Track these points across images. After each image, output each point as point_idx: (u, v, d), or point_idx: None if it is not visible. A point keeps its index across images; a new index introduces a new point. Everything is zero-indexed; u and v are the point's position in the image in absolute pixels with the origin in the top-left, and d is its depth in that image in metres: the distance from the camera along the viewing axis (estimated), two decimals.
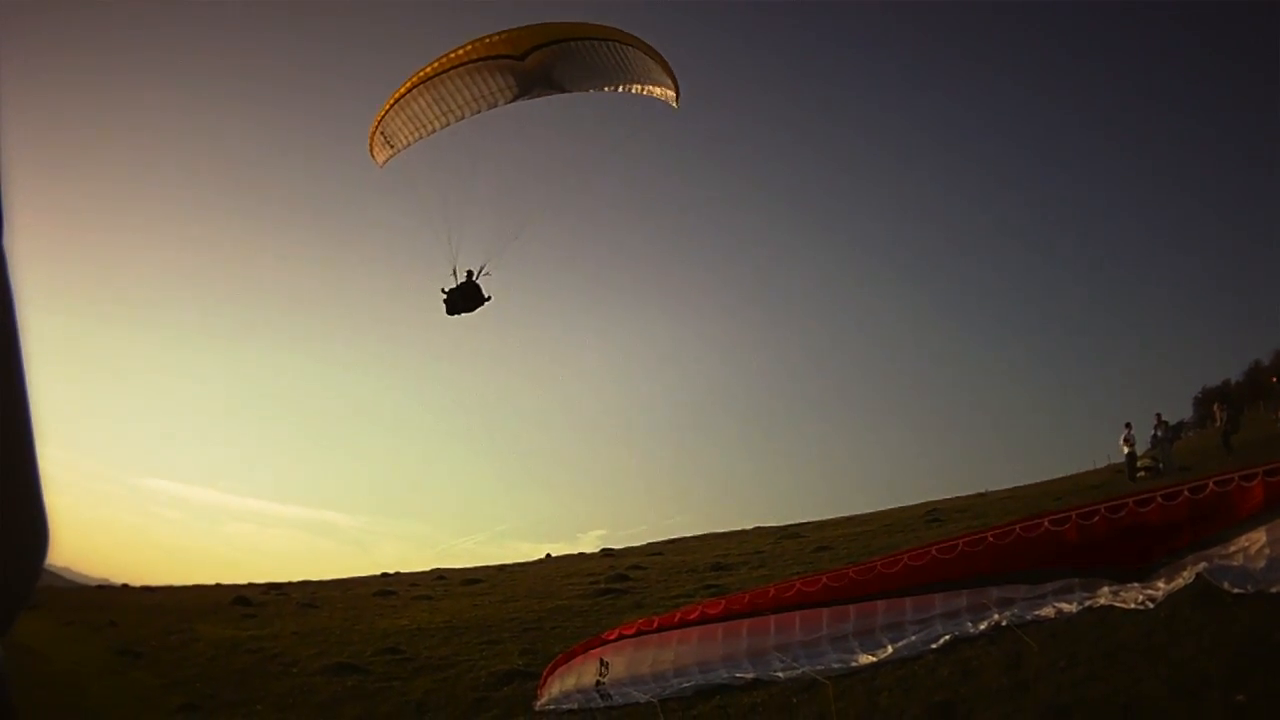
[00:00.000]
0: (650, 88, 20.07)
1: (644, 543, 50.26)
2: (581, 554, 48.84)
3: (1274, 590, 10.40)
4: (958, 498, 52.31)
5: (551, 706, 14.15)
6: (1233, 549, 12.38)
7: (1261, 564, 11.70)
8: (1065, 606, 12.37)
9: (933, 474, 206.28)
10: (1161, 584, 11.98)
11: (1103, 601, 12.16)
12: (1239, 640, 8.93)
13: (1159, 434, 37.05)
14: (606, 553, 46.37)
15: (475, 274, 21.03)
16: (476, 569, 43.65)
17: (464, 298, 20.93)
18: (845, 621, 13.32)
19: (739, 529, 49.97)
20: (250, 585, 39.08)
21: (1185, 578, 11.74)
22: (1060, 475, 62.41)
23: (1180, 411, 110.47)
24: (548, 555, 49.86)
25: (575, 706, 13.84)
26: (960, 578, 13.29)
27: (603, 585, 29.14)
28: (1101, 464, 62.51)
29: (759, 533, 46.36)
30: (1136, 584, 12.39)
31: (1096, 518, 13.12)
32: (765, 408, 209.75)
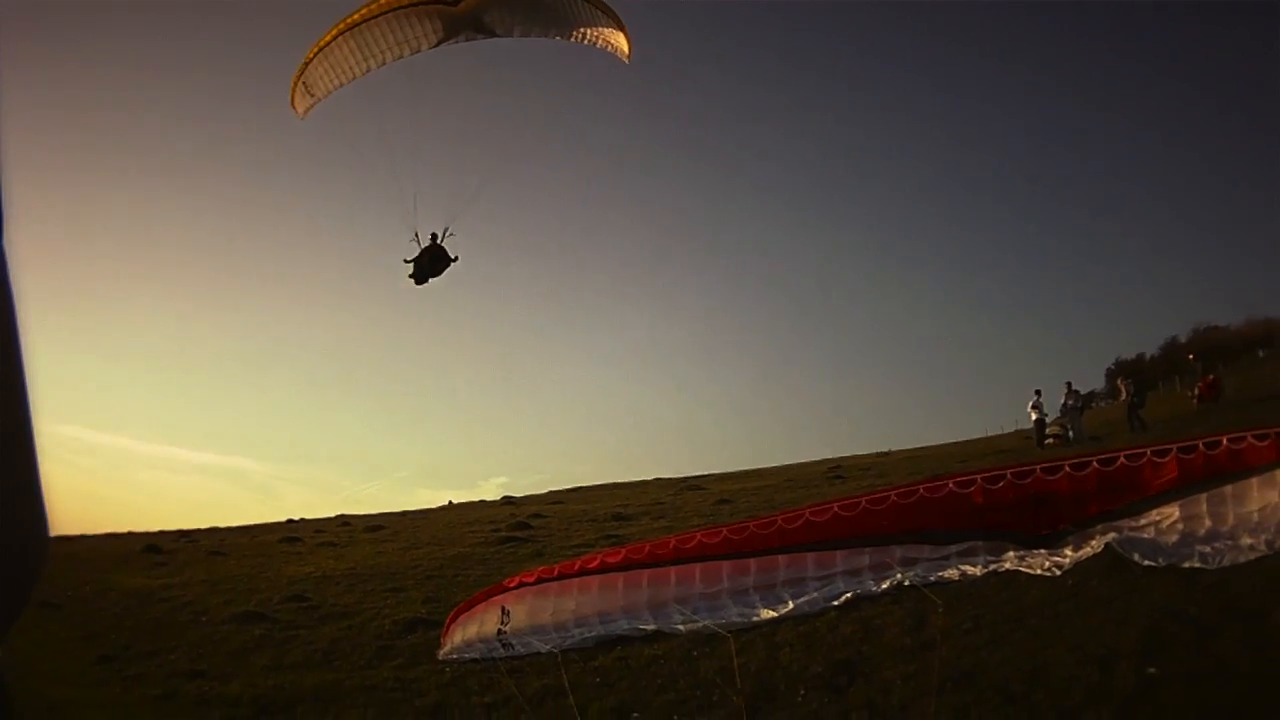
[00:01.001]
0: (595, 36, 19.00)
1: (545, 491, 50.22)
2: (483, 501, 48.15)
3: (1187, 565, 10.29)
4: (861, 456, 52.64)
5: (454, 655, 13.80)
6: (1143, 521, 12.30)
7: (1174, 538, 11.61)
8: (970, 569, 12.18)
9: (836, 432, 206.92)
10: (1069, 551, 11.84)
11: (1008, 566, 11.99)
12: (1151, 613, 8.80)
13: (1069, 403, 37.02)
14: (508, 500, 46.00)
15: (440, 236, 20.30)
16: (380, 515, 42.81)
17: (432, 260, 20.21)
18: (746, 575, 13.07)
19: (639, 480, 49.51)
20: (161, 533, 38.03)
21: (1094, 546, 11.58)
22: (966, 438, 63.48)
23: (1092, 382, 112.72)
24: (450, 502, 49.25)
25: (477, 655, 13.50)
26: (863, 535, 13.07)
27: (504, 533, 28.86)
28: (1009, 429, 63.74)
29: (659, 484, 46.09)
30: (1043, 550, 12.27)
31: (1003, 482, 12.98)
32: (666, 359, 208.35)
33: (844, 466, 42.24)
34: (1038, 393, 37.54)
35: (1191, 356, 41.25)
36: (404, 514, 43.23)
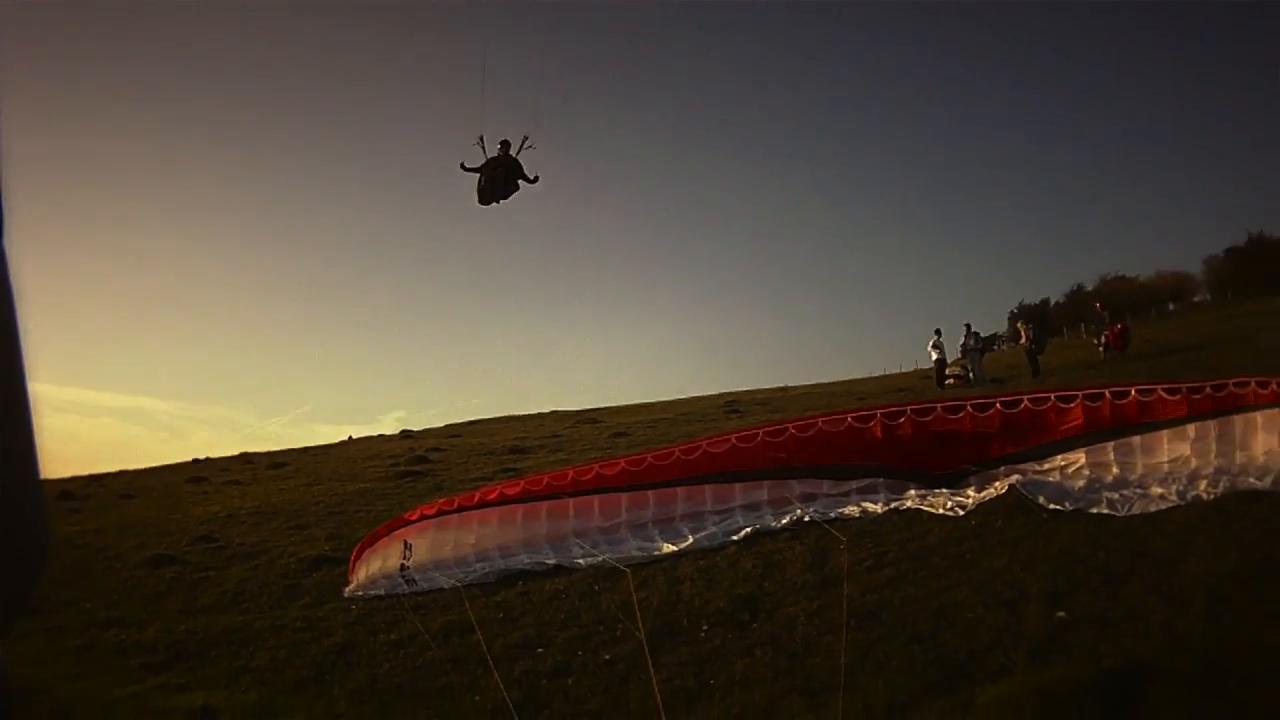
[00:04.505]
0: None
1: (442, 424, 50.26)
2: (382, 435, 47.80)
3: (1095, 510, 10.17)
4: (758, 390, 52.91)
5: (360, 592, 13.35)
6: (1048, 466, 12.17)
7: (1081, 483, 11.45)
8: (871, 506, 11.98)
9: (732, 366, 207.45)
10: (972, 492, 11.65)
11: (910, 504, 11.79)
12: (1057, 557, 8.56)
13: (969, 344, 36.52)
14: (406, 434, 45.70)
15: (517, 148, 17.02)
16: (282, 452, 42.15)
17: (508, 175, 16.90)
18: (644, 509, 12.76)
19: (536, 413, 49.48)
20: (74, 478, 36.88)
21: (997, 488, 11.38)
22: (865, 376, 64.16)
23: (995, 325, 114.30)
24: (349, 438, 48.73)
25: (382, 591, 13.03)
26: (761, 468, 12.83)
27: (403, 467, 28.60)
28: (909, 368, 64.51)
29: (556, 416, 46.02)
30: (945, 489, 12.10)
31: (903, 419, 12.79)
32: (562, 292, 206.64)
33: (740, 401, 42.27)
34: (938, 332, 37.01)
35: (1099, 305, 41.41)
36: (305, 450, 42.64)
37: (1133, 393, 11.88)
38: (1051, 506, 10.45)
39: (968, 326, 36.66)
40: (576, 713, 7.27)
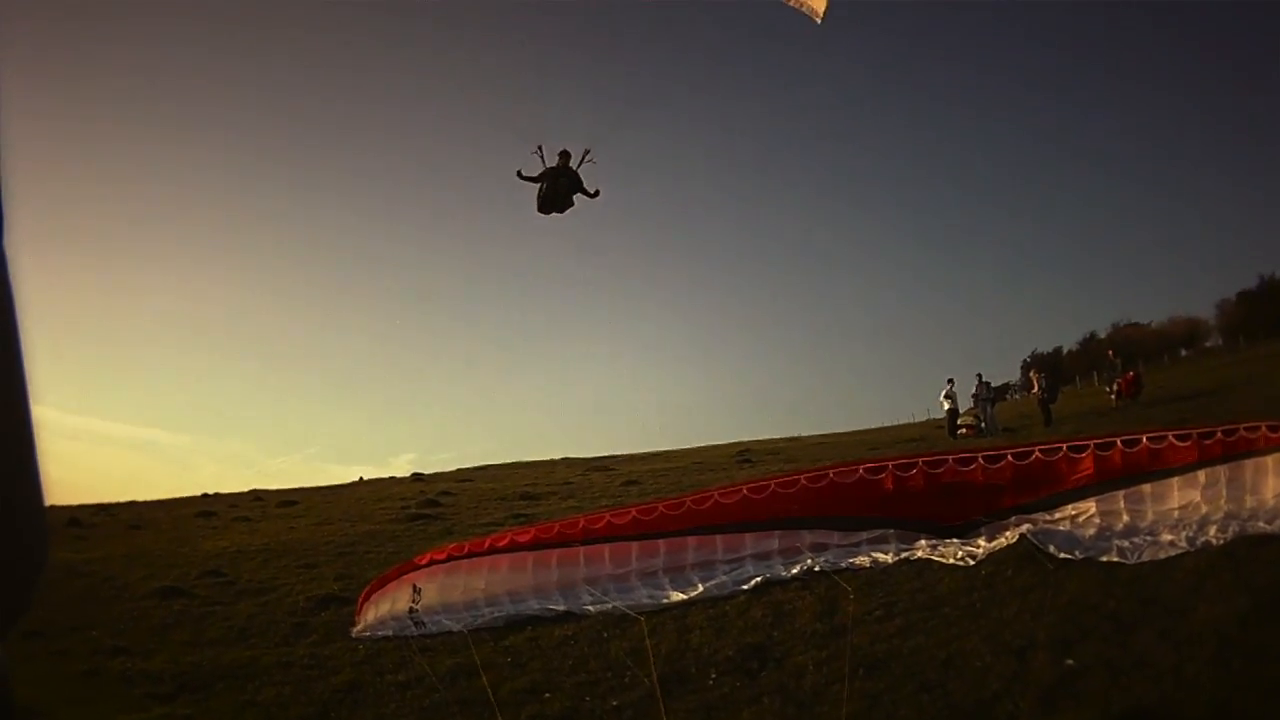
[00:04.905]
0: None
1: (454, 468, 49.56)
2: (393, 478, 47.46)
3: (1105, 559, 10.09)
4: (769, 440, 52.36)
5: (368, 633, 13.36)
6: (1059, 515, 12.12)
7: (1091, 531, 11.37)
8: (881, 556, 11.87)
9: (744, 416, 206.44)
10: (983, 542, 11.55)
11: (920, 555, 11.66)
12: (1067, 606, 8.54)
13: (981, 393, 36.29)
14: (417, 477, 45.15)
15: (578, 161, 16.81)
16: (292, 490, 41.90)
17: (570, 187, 16.79)
18: (655, 557, 12.72)
19: (547, 459, 49.14)
20: (82, 506, 36.92)
21: (1008, 538, 11.25)
22: (877, 426, 63.94)
23: (1008, 375, 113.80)
24: (360, 478, 48.55)
25: (390, 633, 13.03)
26: (772, 519, 12.77)
27: (414, 510, 28.45)
28: (920, 418, 64.27)
29: (567, 464, 45.70)
30: (956, 540, 12.02)
31: (914, 470, 12.71)
32: (574, 338, 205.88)
33: (752, 450, 41.88)
34: (950, 382, 36.72)
35: (1111, 353, 41.29)
36: (316, 489, 42.56)
37: (1144, 440, 11.74)
38: (1062, 555, 10.31)
39: (979, 376, 36.56)
40: None
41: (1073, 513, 11.97)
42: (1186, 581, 8.67)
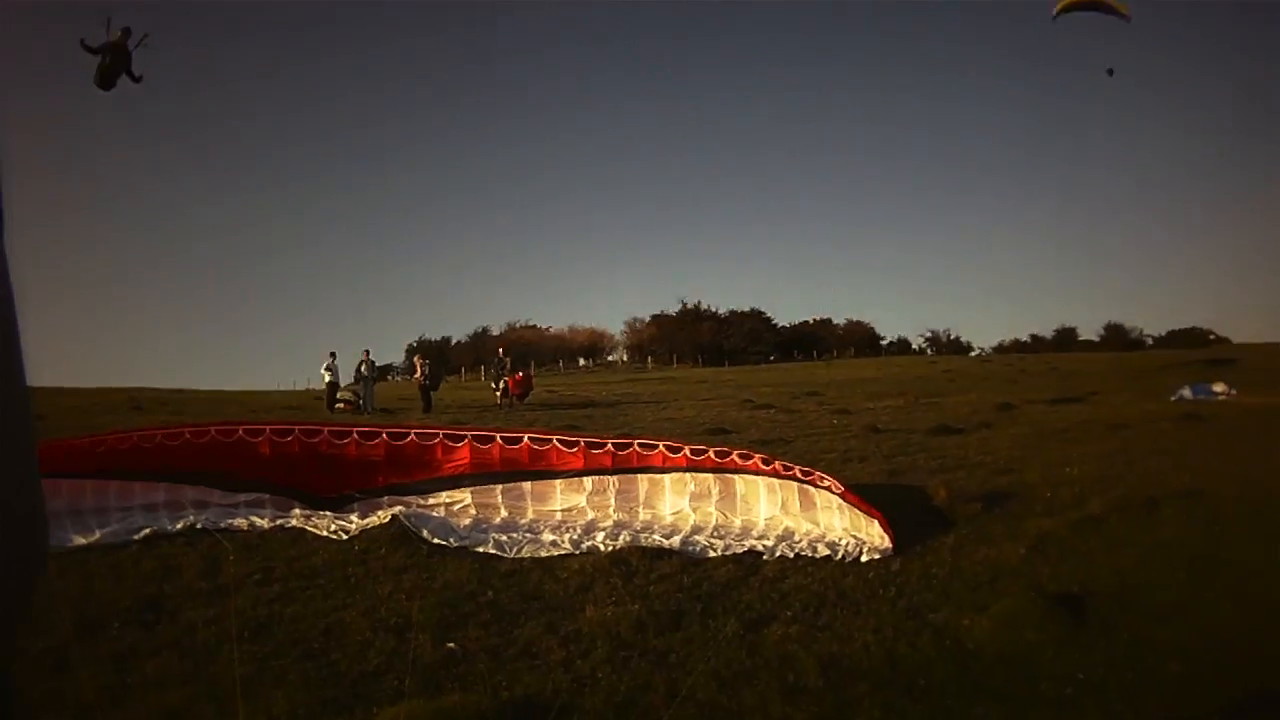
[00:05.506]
0: None
1: None
2: None
3: (481, 549, 10.58)
4: (161, 389, 51.01)
5: None
6: (433, 501, 12.67)
7: (467, 521, 12.00)
8: (258, 520, 11.76)
9: (136, 363, 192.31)
10: (355, 518, 11.84)
11: (295, 523, 11.73)
12: (442, 590, 8.92)
13: (364, 371, 36.40)
14: None
15: (135, 39, 15.83)
16: None
17: (115, 66, 15.64)
18: (57, 498, 11.74)
19: None
20: None
21: (380, 517, 11.70)
22: (262, 388, 62.79)
23: (394, 356, 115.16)
24: None
25: None
26: (158, 470, 12.24)
27: None
28: (301, 386, 63.97)
29: None
30: (329, 512, 12.21)
31: (290, 437, 12.74)
32: None
33: (144, 398, 39.62)
34: (333, 354, 36.43)
35: (501, 351, 43.63)
36: None
37: (525, 439, 12.68)
38: (435, 541, 10.83)
39: (367, 353, 36.66)
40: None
41: (447, 500, 12.73)
42: (572, 581, 9.29)
